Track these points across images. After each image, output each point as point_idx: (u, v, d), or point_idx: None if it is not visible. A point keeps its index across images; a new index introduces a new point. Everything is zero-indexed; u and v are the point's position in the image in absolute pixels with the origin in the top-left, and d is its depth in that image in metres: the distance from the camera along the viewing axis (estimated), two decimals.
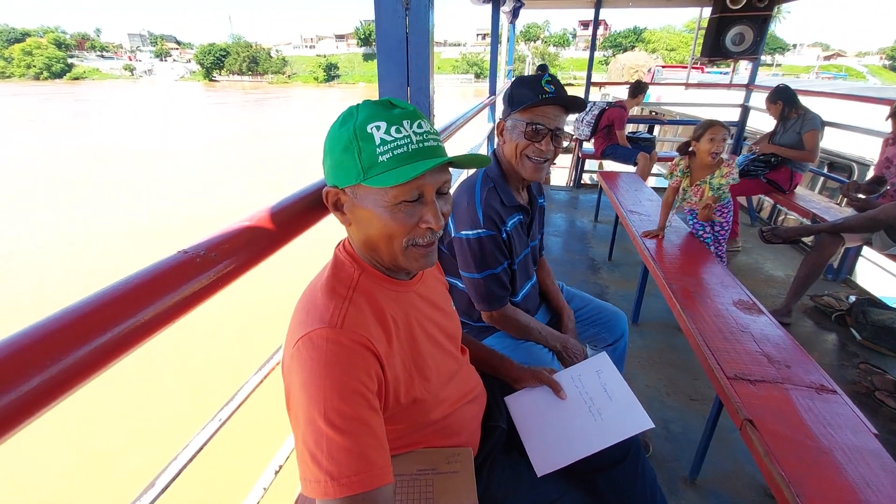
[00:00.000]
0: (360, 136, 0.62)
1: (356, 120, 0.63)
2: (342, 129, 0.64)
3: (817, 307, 2.66)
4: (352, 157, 0.62)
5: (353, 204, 0.66)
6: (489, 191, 1.20)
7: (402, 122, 0.63)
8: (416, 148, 0.63)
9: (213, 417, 0.71)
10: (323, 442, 0.55)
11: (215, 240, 0.50)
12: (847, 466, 1.04)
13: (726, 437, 1.71)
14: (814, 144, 3.02)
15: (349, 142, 0.62)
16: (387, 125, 0.62)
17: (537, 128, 1.12)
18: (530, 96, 1.10)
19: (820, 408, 1.22)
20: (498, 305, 1.24)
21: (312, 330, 0.60)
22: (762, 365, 1.38)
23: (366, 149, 0.62)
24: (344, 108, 0.67)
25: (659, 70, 16.79)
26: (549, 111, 1.12)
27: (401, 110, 0.64)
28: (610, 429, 0.88)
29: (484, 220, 1.16)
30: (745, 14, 4.02)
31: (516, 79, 1.19)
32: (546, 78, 1.12)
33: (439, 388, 0.76)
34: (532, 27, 75.10)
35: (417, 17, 1.04)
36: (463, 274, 1.24)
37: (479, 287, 1.22)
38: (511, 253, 1.24)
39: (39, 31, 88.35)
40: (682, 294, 1.77)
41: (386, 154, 0.61)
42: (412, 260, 0.68)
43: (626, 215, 2.65)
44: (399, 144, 0.62)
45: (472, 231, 1.17)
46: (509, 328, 1.30)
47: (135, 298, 0.41)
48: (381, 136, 0.62)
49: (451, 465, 0.73)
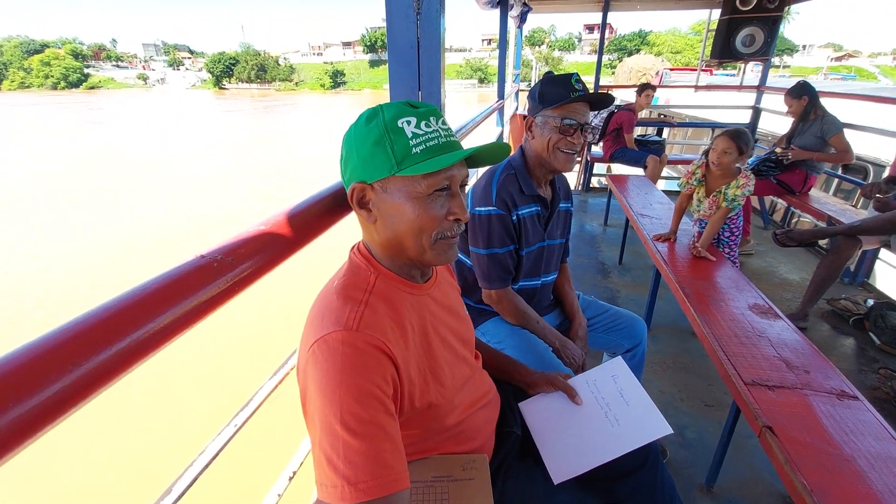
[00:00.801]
0: (391, 129, 0.64)
1: (384, 117, 0.65)
2: (370, 125, 0.65)
3: (834, 311, 2.60)
4: (384, 150, 0.64)
5: (381, 199, 0.67)
6: (508, 176, 1.28)
7: (428, 118, 0.66)
8: (444, 141, 0.66)
9: (228, 423, 0.71)
10: (339, 446, 0.54)
11: (232, 244, 0.50)
12: (871, 474, 1.01)
13: (743, 443, 1.68)
14: (845, 145, 2.97)
15: (381, 136, 0.64)
16: (416, 120, 0.65)
17: (570, 123, 1.20)
18: (563, 94, 1.20)
19: (841, 414, 1.19)
20: (498, 285, 1.30)
21: (328, 333, 0.60)
22: (780, 370, 1.35)
23: (398, 141, 0.64)
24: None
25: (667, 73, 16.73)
26: (578, 108, 1.21)
27: (425, 108, 0.67)
28: (627, 435, 0.87)
29: (496, 199, 1.24)
30: (756, 15, 3.98)
31: (545, 77, 1.27)
32: (575, 77, 1.21)
33: (454, 393, 0.76)
34: (538, 32, 75.33)
35: (429, 21, 1.04)
36: (470, 248, 1.31)
37: (483, 263, 1.28)
38: (520, 238, 1.30)
39: (58, 43, 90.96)
40: (695, 298, 1.75)
41: (419, 146, 0.64)
42: (440, 253, 0.70)
43: (637, 218, 2.62)
44: (430, 137, 0.65)
45: (485, 207, 1.25)
46: (506, 311, 1.34)
47: (154, 303, 0.41)
48: (412, 130, 0.64)
49: (466, 471, 0.72)
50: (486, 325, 1.39)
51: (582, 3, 4.82)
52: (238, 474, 3.72)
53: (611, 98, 1.26)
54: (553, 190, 1.40)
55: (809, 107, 3.09)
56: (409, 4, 1.02)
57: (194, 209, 11.88)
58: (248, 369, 5.47)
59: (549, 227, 1.38)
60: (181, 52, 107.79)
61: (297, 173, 15.87)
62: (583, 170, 5.50)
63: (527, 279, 1.37)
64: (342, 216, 0.75)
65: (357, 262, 0.72)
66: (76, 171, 16.94)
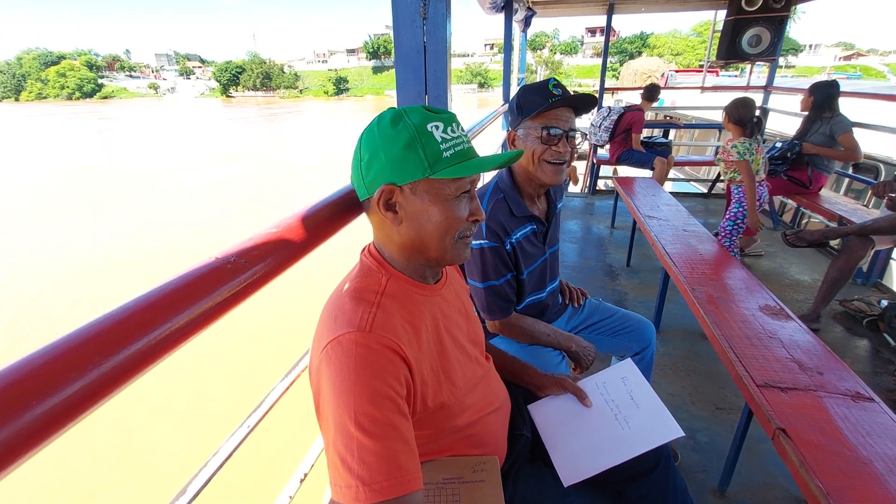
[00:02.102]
0: (421, 133, 0.66)
1: (411, 119, 0.67)
2: (397, 128, 0.66)
3: (847, 312, 2.57)
4: (415, 153, 0.66)
5: (409, 201, 0.68)
6: (497, 202, 1.21)
7: (452, 124, 0.69)
8: (467, 146, 0.70)
9: (241, 424, 0.71)
10: (354, 446, 0.55)
11: (246, 246, 0.51)
12: (888, 478, 1.00)
13: (756, 447, 1.65)
14: (853, 144, 2.96)
15: (412, 139, 0.66)
16: (443, 125, 0.67)
17: (552, 131, 1.13)
18: (540, 102, 1.12)
19: (857, 416, 1.17)
20: (500, 316, 1.25)
21: (342, 334, 0.60)
22: (793, 372, 1.33)
23: (429, 145, 0.66)
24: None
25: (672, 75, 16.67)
26: (560, 114, 1.14)
27: (447, 114, 0.69)
28: (638, 437, 0.86)
29: (487, 231, 1.18)
30: (762, 15, 3.97)
31: (521, 87, 1.21)
32: (552, 82, 1.13)
33: (466, 393, 0.76)
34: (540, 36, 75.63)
35: (435, 26, 1.05)
36: (468, 281, 1.26)
37: (481, 296, 1.23)
38: (517, 264, 1.24)
39: (74, 54, 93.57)
40: (706, 300, 1.73)
41: (449, 150, 0.67)
42: (460, 252, 0.73)
43: (644, 220, 2.61)
44: (457, 143, 0.68)
45: (476, 241, 1.19)
46: (515, 335, 1.30)
47: (171, 303, 0.41)
48: (440, 135, 0.67)
49: (477, 473, 0.72)
50: (494, 342, 1.34)
51: (586, 7, 4.83)
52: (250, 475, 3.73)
53: (595, 98, 1.18)
54: (548, 199, 1.34)
55: (818, 105, 3.07)
56: (415, 10, 1.03)
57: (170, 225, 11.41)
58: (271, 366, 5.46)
59: (549, 238, 1.34)
60: (192, 61, 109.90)
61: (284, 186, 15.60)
62: (589, 172, 5.49)
63: (533, 294, 1.34)
64: (352, 219, 0.76)
65: (368, 265, 0.72)
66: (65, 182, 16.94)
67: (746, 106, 2.65)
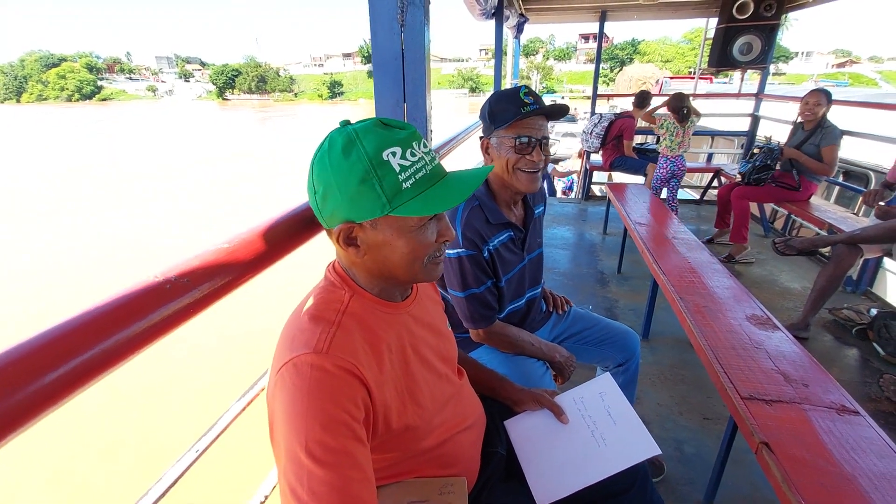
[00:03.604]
0: (377, 164, 0.59)
1: (364, 148, 0.60)
2: (349, 159, 0.60)
3: (837, 321, 2.56)
4: (372, 189, 0.60)
5: (370, 236, 0.64)
6: (473, 210, 1.19)
7: (412, 145, 0.62)
8: (431, 169, 0.64)
9: (189, 448, 0.68)
10: (304, 475, 0.52)
11: (189, 264, 0.49)
12: (873, 495, 0.98)
13: (742, 458, 1.63)
14: (832, 158, 2.96)
15: (366, 173, 0.59)
16: (402, 150, 0.61)
17: (527, 140, 1.12)
18: (514, 111, 1.10)
19: (842, 430, 1.15)
20: (483, 324, 1.24)
21: (297, 356, 0.57)
22: (778, 384, 1.31)
23: (386, 177, 0.60)
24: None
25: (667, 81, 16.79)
26: (533, 122, 1.12)
27: (405, 132, 0.63)
28: (614, 455, 0.84)
29: (463, 240, 1.16)
30: (753, 23, 3.99)
31: (492, 96, 1.18)
32: (524, 90, 1.12)
33: (433, 413, 0.73)
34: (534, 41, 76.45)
35: (413, 33, 1.03)
36: (449, 291, 1.25)
37: (462, 305, 1.22)
38: (496, 271, 1.23)
39: (75, 57, 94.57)
40: (693, 308, 1.72)
41: (409, 180, 0.61)
42: (430, 273, 0.69)
43: (634, 227, 2.60)
44: (418, 168, 0.62)
45: (453, 250, 1.18)
46: (498, 345, 1.29)
47: (98, 328, 0.39)
48: (398, 163, 0.60)
49: (443, 496, 0.69)
50: (477, 353, 1.34)
51: (579, 14, 4.84)
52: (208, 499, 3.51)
53: (566, 108, 1.17)
54: (525, 206, 1.33)
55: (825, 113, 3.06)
56: (393, 16, 1.02)
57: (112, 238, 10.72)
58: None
59: (528, 244, 1.32)
60: (192, 64, 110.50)
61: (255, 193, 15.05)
62: (582, 178, 5.49)
63: (511, 302, 1.32)
64: (311, 236, 0.73)
65: (332, 281, 0.70)
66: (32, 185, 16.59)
67: (679, 99, 3.84)
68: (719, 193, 3.65)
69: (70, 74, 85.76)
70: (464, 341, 1.35)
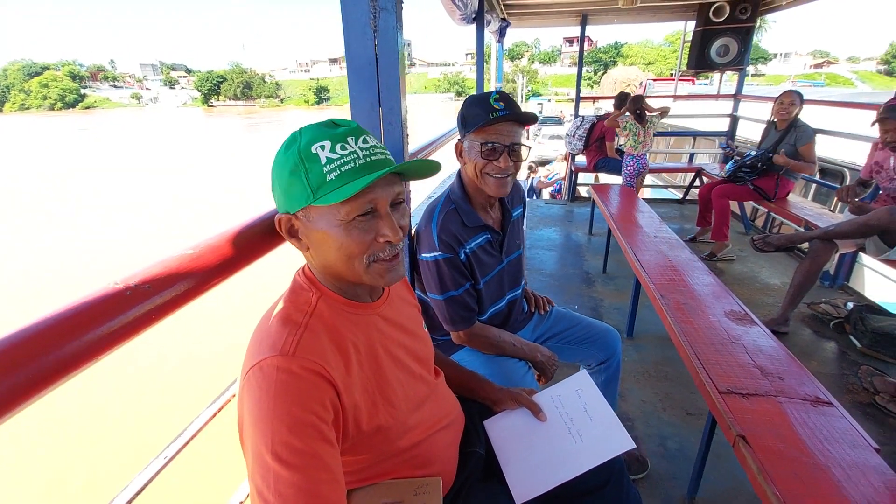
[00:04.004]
0: (306, 157, 0.61)
1: (300, 143, 0.62)
2: (287, 153, 0.63)
3: (815, 315, 2.62)
4: (299, 179, 0.62)
5: (307, 228, 0.65)
6: (448, 213, 1.20)
7: (346, 140, 0.63)
8: (363, 163, 0.63)
9: (158, 455, 0.68)
10: (270, 477, 0.52)
11: (151, 271, 0.49)
12: (846, 484, 1.00)
13: (724, 452, 1.66)
14: (812, 155, 3.04)
15: (295, 165, 0.62)
16: (331, 144, 0.62)
17: (493, 146, 1.12)
18: (482, 116, 1.10)
19: (816, 421, 1.18)
20: (463, 326, 1.24)
21: (263, 359, 0.58)
22: (755, 377, 1.34)
23: (312, 169, 0.61)
24: None
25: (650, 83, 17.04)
26: (502, 128, 1.11)
27: (344, 128, 0.64)
28: (590, 451, 0.85)
29: (439, 243, 1.17)
30: (729, 26, 4.08)
31: (466, 100, 1.19)
32: (494, 95, 1.11)
33: (407, 414, 0.74)
34: (519, 45, 77.32)
35: (386, 38, 1.04)
36: (429, 295, 1.25)
37: (442, 308, 1.22)
38: (473, 274, 1.23)
39: (58, 65, 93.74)
40: (673, 306, 1.75)
41: (333, 172, 0.61)
42: (377, 276, 0.67)
43: (618, 228, 2.63)
44: (346, 161, 0.62)
45: (430, 254, 1.18)
46: (479, 346, 1.29)
47: (54, 335, 0.39)
48: (326, 155, 0.61)
49: (418, 496, 0.70)
50: (459, 355, 1.34)
51: (560, 17, 4.90)
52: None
53: (534, 117, 1.16)
54: (503, 208, 1.34)
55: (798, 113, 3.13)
56: (365, 22, 1.03)
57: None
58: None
59: (506, 246, 1.32)
60: (178, 71, 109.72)
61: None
62: (568, 180, 5.54)
63: (492, 304, 1.33)
64: (278, 243, 0.73)
65: (300, 283, 0.70)
66: None
67: (635, 101, 4.05)
68: (701, 193, 3.71)
69: (53, 83, 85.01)
70: (445, 344, 1.35)
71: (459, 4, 2.52)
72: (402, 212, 0.69)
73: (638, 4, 4.03)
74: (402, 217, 0.69)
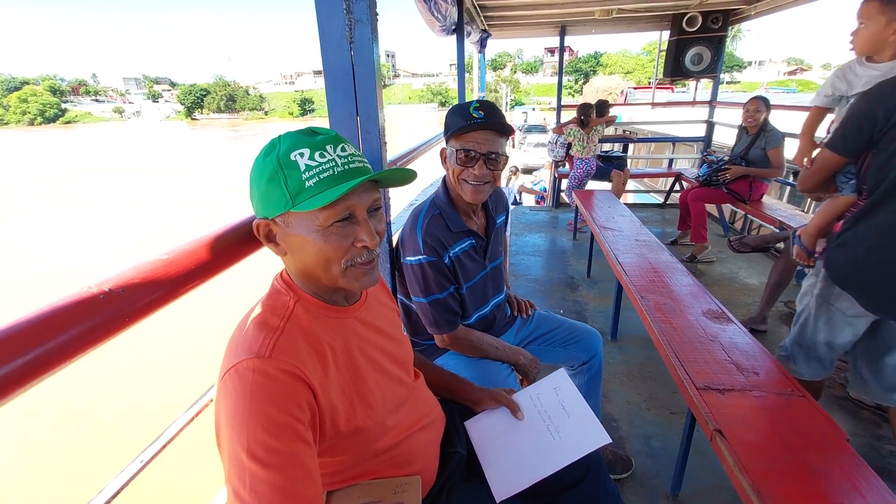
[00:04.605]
0: (285, 164, 0.63)
1: (279, 150, 0.64)
2: (266, 160, 0.64)
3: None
4: (278, 185, 0.63)
5: (285, 233, 0.66)
6: (433, 218, 1.22)
7: (324, 147, 0.64)
8: (341, 170, 0.64)
9: (133, 459, 0.67)
10: (246, 477, 0.53)
11: (124, 275, 0.50)
12: (818, 473, 1.03)
13: (706, 449, 1.68)
14: (780, 160, 3.15)
15: (274, 172, 0.63)
16: (310, 151, 0.63)
17: (469, 153, 1.14)
18: (460, 123, 1.13)
19: (789, 413, 1.22)
20: (447, 329, 1.26)
21: (239, 361, 0.59)
22: (731, 373, 1.38)
23: (291, 176, 0.62)
24: None
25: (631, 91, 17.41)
26: (479, 136, 1.13)
27: (323, 136, 0.66)
28: (568, 447, 0.87)
29: (424, 246, 1.18)
30: (702, 35, 4.22)
31: (451, 107, 1.22)
32: (475, 104, 1.14)
33: (386, 415, 0.75)
34: (502, 55, 78.66)
35: (362, 50, 1.07)
36: (413, 298, 1.26)
37: (426, 311, 1.24)
38: (457, 278, 1.25)
39: (38, 80, 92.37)
40: (653, 307, 1.78)
41: (312, 179, 0.62)
42: (353, 280, 0.69)
43: (601, 232, 2.68)
44: (324, 168, 0.63)
45: (415, 257, 1.20)
46: (463, 349, 1.30)
47: (26, 337, 0.39)
48: (305, 163, 0.63)
49: (397, 495, 0.71)
50: (443, 359, 1.36)
51: (540, 28, 5.02)
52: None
53: (510, 128, 1.18)
54: (486, 213, 1.36)
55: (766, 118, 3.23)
56: (341, 34, 1.05)
57: None
58: None
59: (489, 252, 1.35)
60: (161, 84, 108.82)
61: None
62: (552, 186, 5.62)
63: (477, 309, 1.35)
64: (255, 248, 0.74)
65: (278, 288, 0.71)
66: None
67: (582, 109, 4.30)
68: (680, 197, 3.80)
69: (32, 98, 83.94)
70: (429, 348, 1.37)
71: (438, 16, 2.57)
72: (379, 218, 0.71)
73: (614, 15, 4.15)
74: (378, 223, 0.70)
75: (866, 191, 1.34)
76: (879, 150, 1.23)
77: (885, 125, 1.19)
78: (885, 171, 1.21)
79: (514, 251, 3.98)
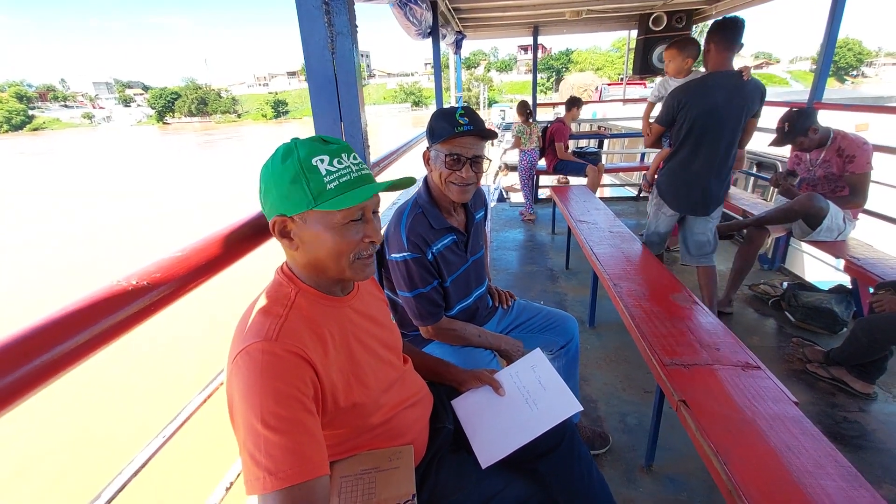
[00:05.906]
0: (307, 168, 0.71)
1: (298, 155, 0.71)
2: (286, 163, 0.71)
3: (756, 295, 2.86)
4: (301, 187, 0.71)
5: (301, 229, 0.74)
6: (416, 216, 1.30)
7: (340, 155, 0.73)
8: (356, 176, 0.74)
9: (157, 434, 0.74)
10: (261, 443, 0.60)
11: (147, 269, 0.56)
12: (769, 433, 1.15)
13: (676, 424, 1.81)
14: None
15: (297, 174, 0.71)
16: (329, 158, 0.72)
17: (456, 157, 1.23)
18: (448, 129, 1.21)
19: (745, 383, 1.34)
20: (431, 321, 1.34)
21: (249, 344, 0.66)
22: (695, 350, 1.50)
23: (313, 179, 0.70)
24: None
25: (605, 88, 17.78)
26: (465, 141, 1.22)
27: (337, 145, 0.75)
28: (544, 416, 0.96)
29: (408, 244, 1.26)
30: (667, 34, 4.40)
31: (435, 112, 1.30)
32: (460, 111, 1.23)
33: (379, 393, 0.83)
34: (476, 54, 79.05)
35: (343, 59, 1.14)
36: (399, 293, 1.34)
37: (411, 304, 1.32)
38: (441, 273, 1.34)
39: (4, 86, 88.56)
40: (626, 293, 1.90)
41: (333, 182, 0.71)
42: (358, 271, 0.78)
43: (576, 225, 2.80)
44: (343, 174, 0.72)
45: (399, 254, 1.28)
46: (447, 339, 1.39)
47: (67, 325, 0.46)
48: (325, 168, 0.71)
49: (392, 462, 0.79)
50: (429, 349, 1.43)
51: (513, 29, 5.14)
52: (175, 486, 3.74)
53: (494, 133, 1.28)
54: (466, 211, 1.43)
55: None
56: (324, 45, 1.12)
57: None
58: None
59: (470, 246, 1.43)
60: (134, 88, 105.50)
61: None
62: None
63: (460, 302, 1.43)
64: (261, 242, 0.82)
65: (280, 280, 0.79)
66: None
67: (523, 106, 4.69)
68: None
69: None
70: (416, 339, 1.45)
71: (413, 21, 2.65)
72: (378, 218, 0.81)
73: (584, 16, 4.29)
74: (378, 222, 0.81)
75: (672, 144, 2.35)
76: (676, 122, 2.24)
77: (678, 110, 2.20)
78: (678, 134, 2.25)
79: (496, 246, 4.08)
